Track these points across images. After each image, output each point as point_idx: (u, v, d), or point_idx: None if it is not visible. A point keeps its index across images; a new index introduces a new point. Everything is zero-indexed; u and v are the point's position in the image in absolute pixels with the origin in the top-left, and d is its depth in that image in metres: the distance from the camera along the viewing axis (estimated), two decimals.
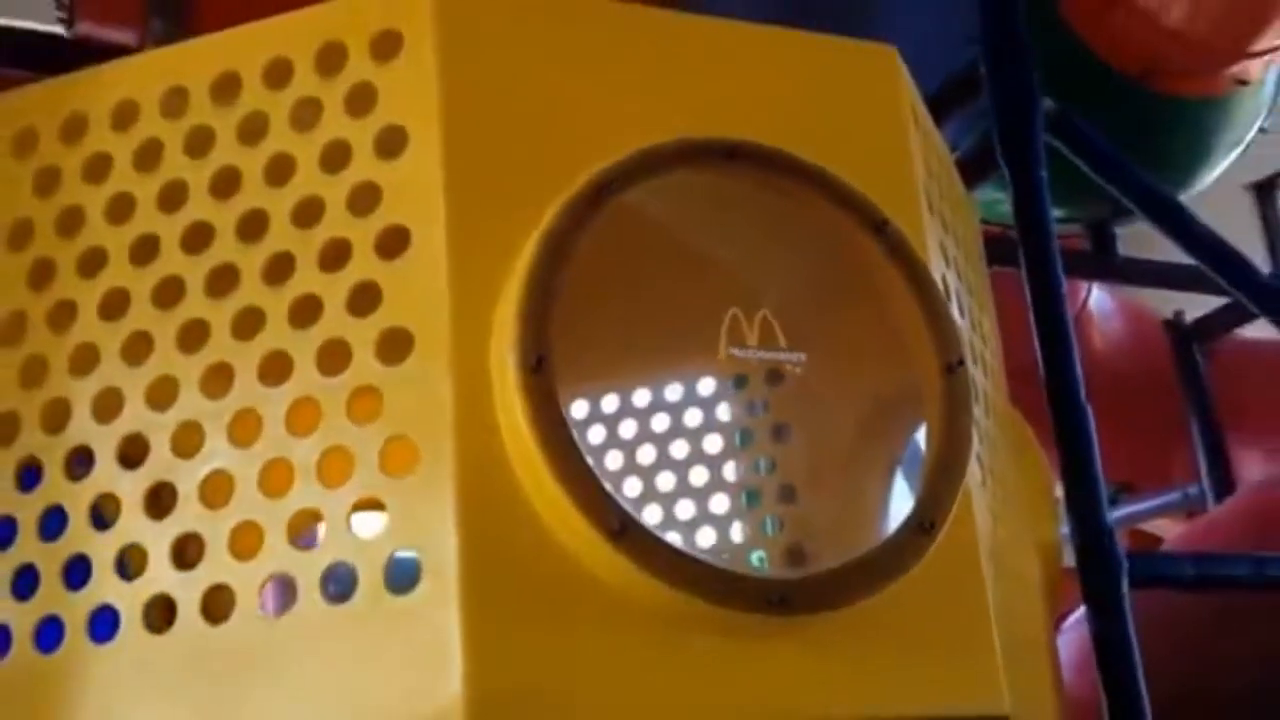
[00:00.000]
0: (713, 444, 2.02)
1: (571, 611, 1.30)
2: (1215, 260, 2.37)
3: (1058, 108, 2.28)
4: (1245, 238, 5.80)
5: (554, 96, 1.49)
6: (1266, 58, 2.78)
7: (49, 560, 1.43)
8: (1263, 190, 5.95)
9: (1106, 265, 2.92)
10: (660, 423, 2.04)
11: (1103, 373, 3.71)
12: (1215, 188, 4.70)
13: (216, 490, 1.39)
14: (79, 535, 1.43)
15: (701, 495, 2.01)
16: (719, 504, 2.01)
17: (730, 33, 1.64)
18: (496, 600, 1.28)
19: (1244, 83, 2.79)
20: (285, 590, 1.35)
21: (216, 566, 1.36)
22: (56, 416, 1.48)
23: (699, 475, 2.02)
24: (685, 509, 2.03)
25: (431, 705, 1.26)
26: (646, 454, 2.02)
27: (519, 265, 1.36)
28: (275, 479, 1.38)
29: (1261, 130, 3.06)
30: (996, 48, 2.30)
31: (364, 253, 1.42)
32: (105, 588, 1.40)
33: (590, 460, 1.28)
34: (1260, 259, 5.89)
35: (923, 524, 1.39)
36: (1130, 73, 2.66)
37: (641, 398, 2.04)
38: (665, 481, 2.01)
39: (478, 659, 1.25)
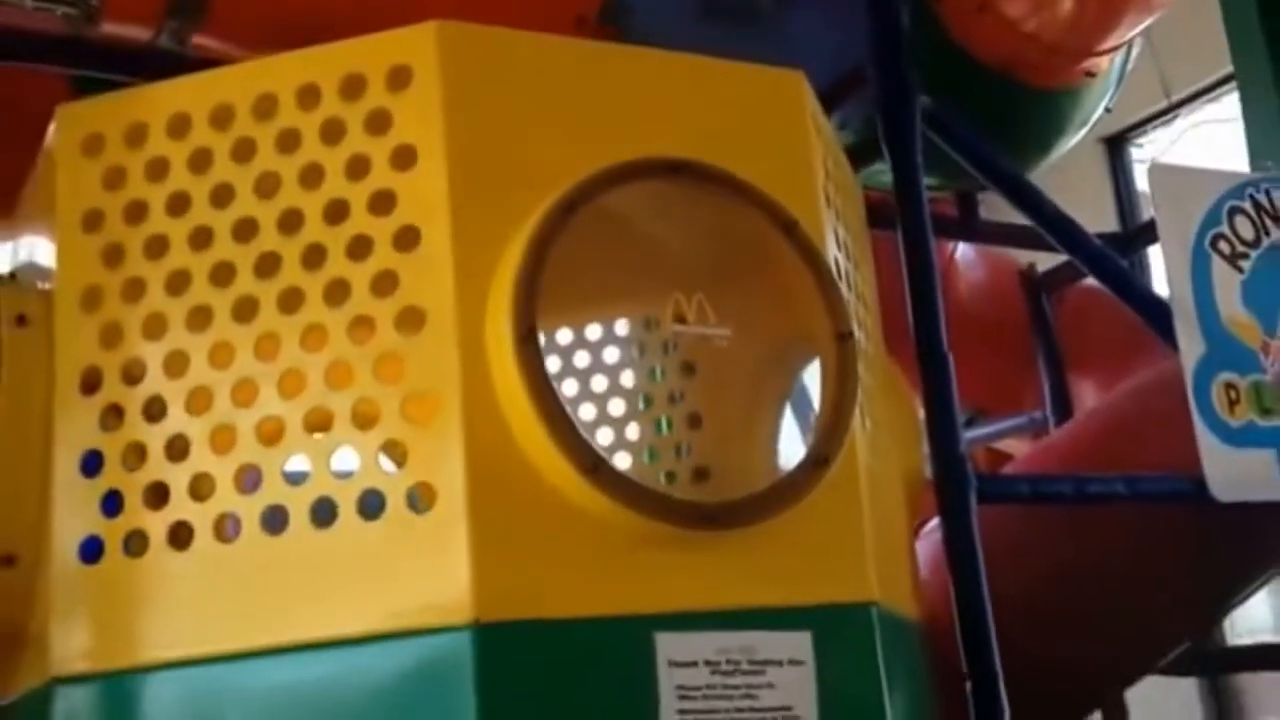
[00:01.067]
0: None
1: (552, 529, 1.63)
2: (1055, 229, 2.73)
3: (932, 103, 2.60)
4: (1097, 188, 6.18)
5: (534, 121, 1.79)
6: (1110, 54, 3.13)
7: (131, 486, 1.72)
8: (1114, 144, 6.30)
9: (970, 228, 3.26)
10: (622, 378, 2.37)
11: (966, 314, 4.06)
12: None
13: (270, 432, 1.69)
14: (156, 466, 1.72)
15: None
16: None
17: (673, 64, 1.95)
18: (495, 520, 1.60)
19: (1092, 75, 3.15)
20: (326, 510, 1.66)
21: (272, 491, 1.67)
22: (133, 372, 1.76)
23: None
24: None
25: (445, 599, 1.58)
26: (617, 406, 2.35)
27: (510, 259, 1.67)
28: (317, 424, 1.68)
29: (1106, 110, 3.41)
30: (881, 52, 2.60)
31: (384, 246, 1.71)
32: (180, 508, 1.70)
33: (571, 413, 1.60)
34: (1109, 207, 6.25)
35: (819, 459, 1.73)
36: (997, 67, 2.99)
37: (610, 355, 2.37)
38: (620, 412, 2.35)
39: (480, 564, 1.58)
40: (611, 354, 2.35)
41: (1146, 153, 6.25)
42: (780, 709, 1.68)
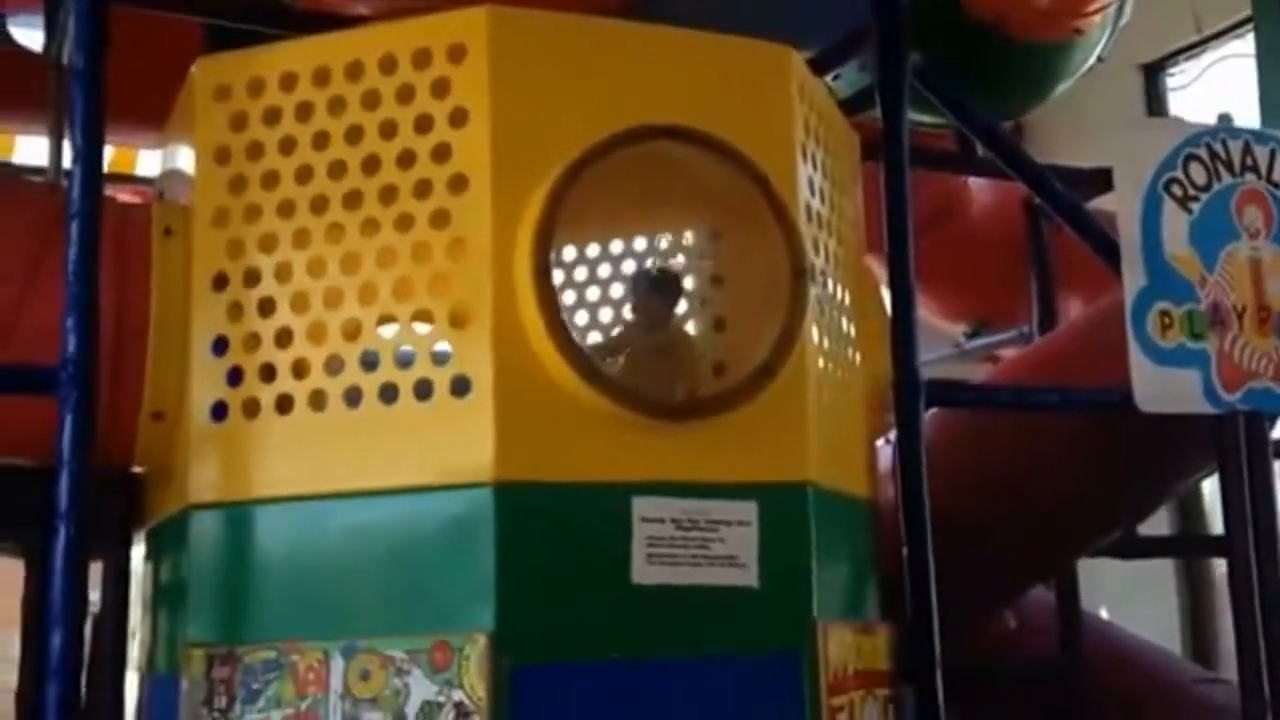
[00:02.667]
0: None
1: (556, 415, 2.01)
2: (1022, 170, 3.02)
3: (923, 61, 2.87)
4: (1133, 112, 6.24)
5: (560, 90, 2.12)
6: (1098, 14, 3.34)
7: (249, 365, 2.13)
8: (1150, 71, 6.33)
9: (968, 162, 3.51)
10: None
11: (977, 234, 4.32)
12: (1108, 66, 5.25)
13: (351, 329, 2.09)
14: (267, 351, 2.13)
15: None
16: None
17: (676, 38, 2.25)
18: (513, 406, 1.99)
19: (1080, 32, 3.37)
20: (391, 392, 2.07)
21: (351, 375, 2.07)
22: (251, 277, 2.16)
23: None
24: None
25: (476, 463, 1.98)
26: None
27: (533, 206, 2.02)
28: (385, 325, 2.08)
29: (1099, 59, 3.62)
30: (879, 15, 2.84)
31: (440, 189, 2.07)
32: (284, 384, 2.11)
33: (573, 332, 1.98)
34: None
35: (765, 369, 2.10)
36: (990, 24, 3.22)
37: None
38: None
39: (501, 439, 1.97)
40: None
41: (1178, 82, 6.32)
42: (727, 557, 2.07)
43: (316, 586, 2.04)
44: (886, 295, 2.77)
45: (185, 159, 2.30)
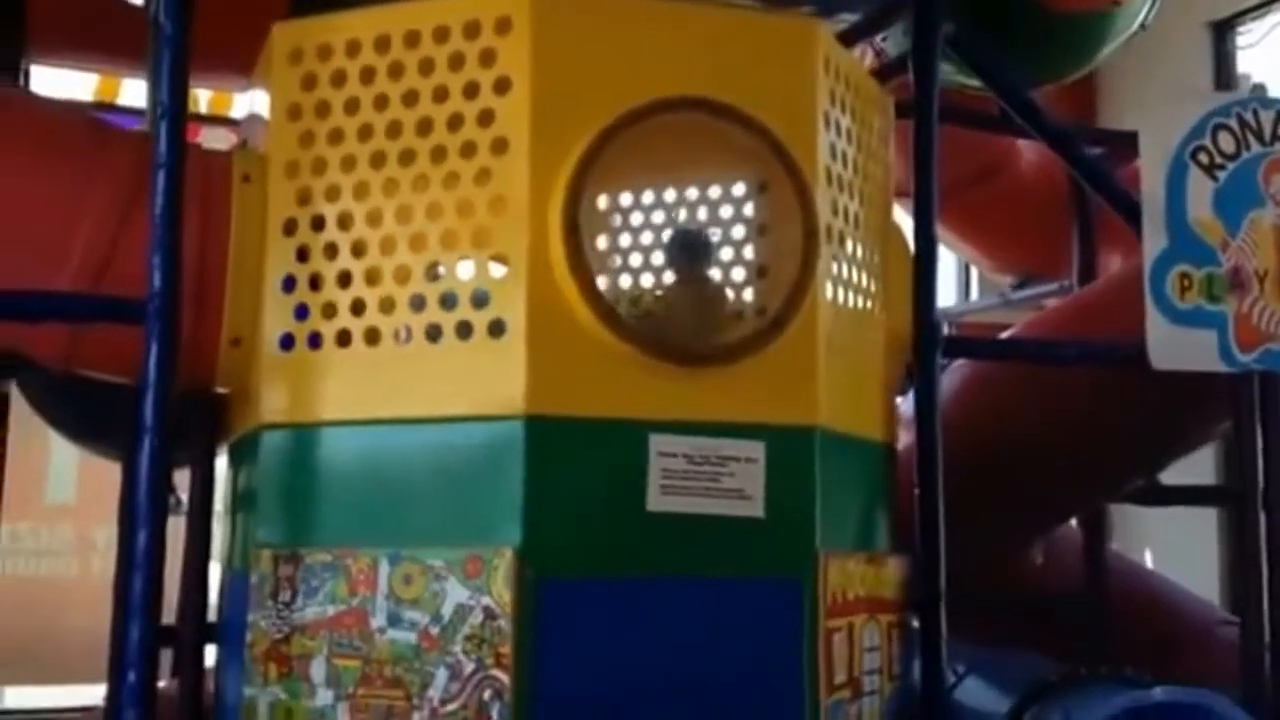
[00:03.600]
0: None
1: (583, 358, 2.16)
2: (1048, 134, 3.08)
3: (954, 30, 2.93)
4: (1201, 68, 6.14)
5: (594, 62, 2.25)
6: None
7: (314, 302, 2.31)
8: (1219, 29, 6.22)
9: (1005, 123, 3.54)
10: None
11: (1026, 189, 4.35)
12: (1178, 25, 5.20)
13: (402, 274, 2.26)
14: (329, 290, 2.30)
15: None
16: None
17: (707, 13, 2.36)
18: (544, 348, 2.15)
19: (1119, 2, 3.38)
20: (436, 331, 2.23)
21: (402, 315, 2.24)
22: (316, 224, 2.32)
23: None
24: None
25: (509, 397, 2.14)
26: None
27: (565, 169, 2.16)
28: (433, 271, 2.24)
29: (1143, 27, 3.63)
30: None
31: (484, 150, 2.22)
32: (344, 320, 2.28)
33: (606, 281, 2.12)
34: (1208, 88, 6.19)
35: (775, 322, 2.23)
36: None
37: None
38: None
39: (532, 378, 2.13)
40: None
41: (1246, 40, 6.20)
42: (736, 491, 2.21)
43: (367, 501, 2.23)
44: None
45: (263, 111, 2.47)
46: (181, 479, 2.69)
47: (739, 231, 2.76)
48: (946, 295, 5.22)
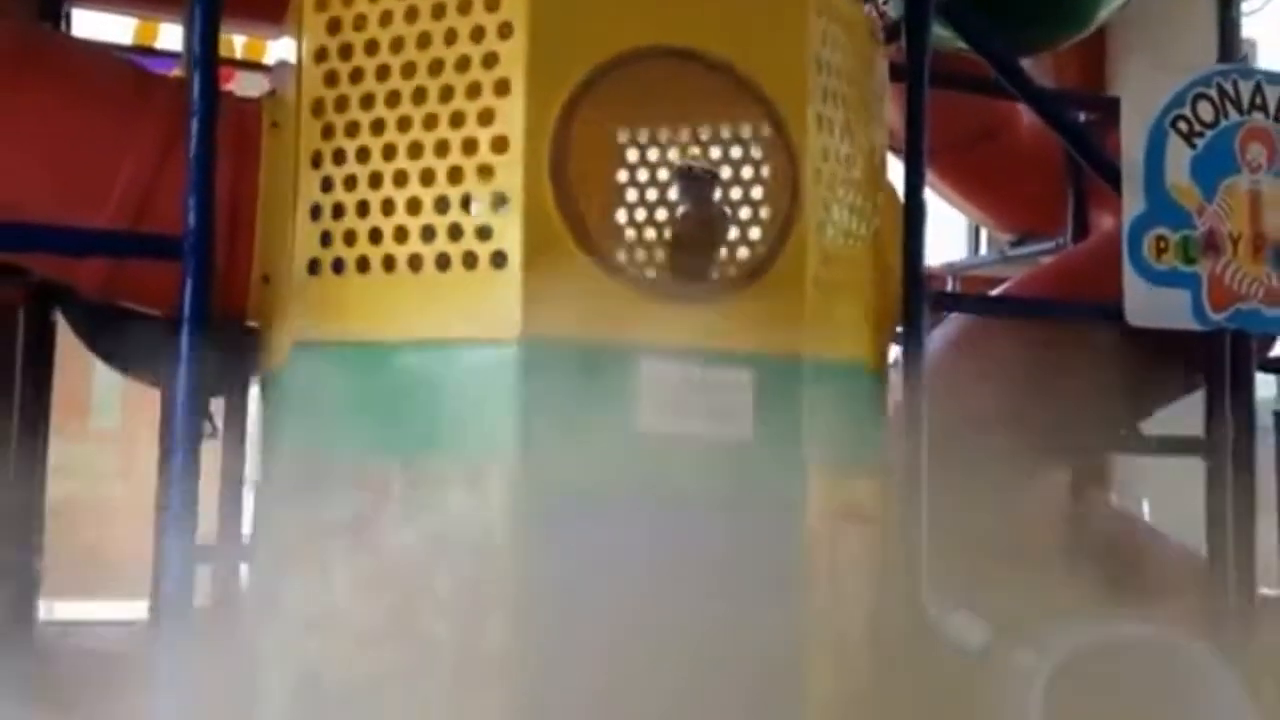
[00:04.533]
0: None
1: (577, 289, 2.25)
2: (1033, 99, 3.15)
3: None
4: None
5: (588, 8, 2.33)
6: None
7: (336, 230, 2.41)
8: None
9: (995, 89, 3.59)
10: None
11: (1025, 150, 4.38)
12: None
13: (414, 205, 2.36)
14: (351, 220, 2.40)
15: None
16: None
17: None
18: (540, 278, 2.25)
19: None
20: (445, 260, 2.33)
21: (414, 244, 2.35)
22: (338, 158, 2.42)
23: None
24: None
25: (508, 321, 2.24)
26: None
27: (554, 108, 2.26)
28: (441, 205, 2.34)
29: None
30: None
31: (488, 91, 2.31)
32: (363, 248, 2.39)
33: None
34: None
35: (755, 267, 2.36)
36: None
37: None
38: None
39: (528, 300, 2.24)
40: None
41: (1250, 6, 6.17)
42: (724, 413, 2.31)
43: (382, 413, 2.34)
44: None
45: (292, 56, 2.57)
46: (218, 409, 2.82)
47: (728, 172, 2.84)
48: (957, 250, 5.24)
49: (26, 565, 3.07)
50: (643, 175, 2.95)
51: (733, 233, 2.79)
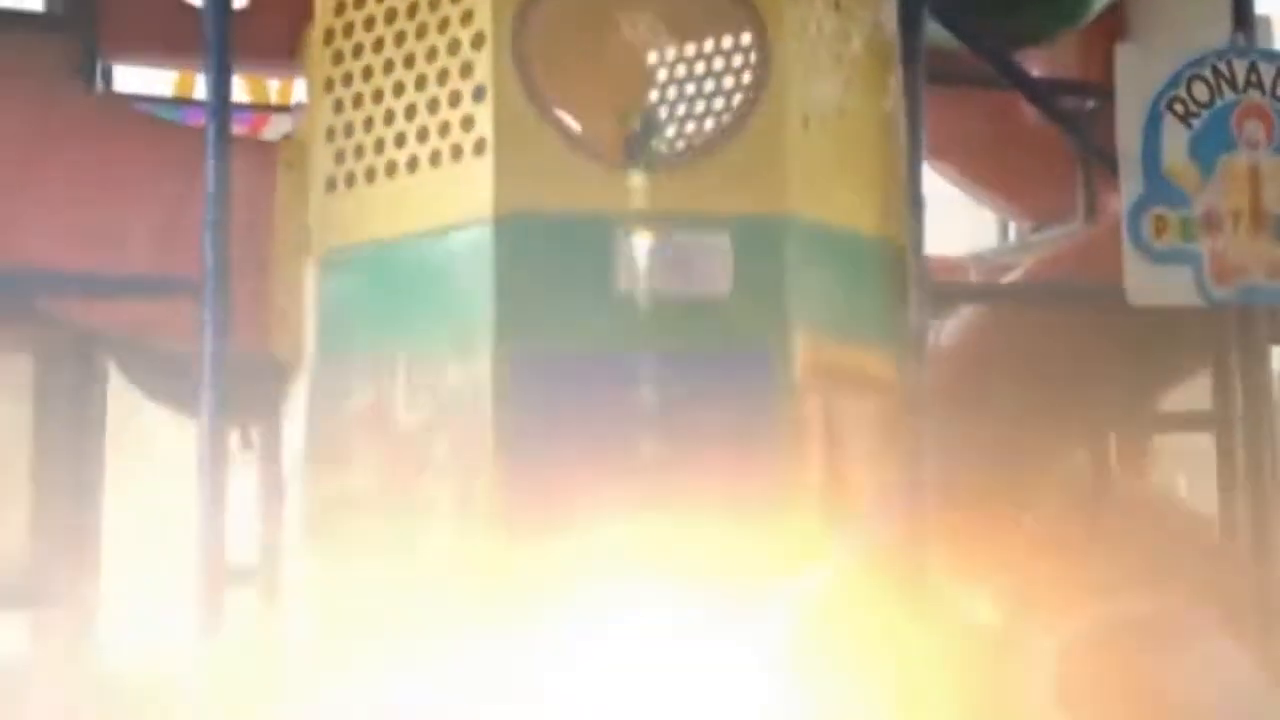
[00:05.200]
0: None
1: (547, 165, 2.29)
2: (1032, 92, 3.14)
3: None
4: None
5: None
6: None
7: (349, 147, 2.48)
8: None
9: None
10: None
11: (1037, 137, 4.37)
12: None
13: (411, 112, 2.41)
14: (359, 135, 2.46)
15: None
16: None
17: None
18: (512, 155, 2.29)
19: None
20: (439, 158, 2.38)
21: (412, 147, 2.39)
22: (346, 81, 2.51)
23: None
24: None
25: (483, 197, 2.28)
26: None
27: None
28: (433, 106, 2.41)
29: None
30: None
31: (466, 46, 2.36)
32: (370, 159, 2.44)
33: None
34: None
35: (723, 133, 2.39)
36: None
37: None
38: None
39: (501, 177, 2.28)
40: None
41: None
42: (704, 274, 2.29)
43: (390, 308, 2.41)
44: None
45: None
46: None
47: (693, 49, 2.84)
48: (988, 238, 5.24)
49: (87, 592, 3.18)
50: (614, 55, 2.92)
51: (700, 104, 2.78)
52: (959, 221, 4.75)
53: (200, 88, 4.64)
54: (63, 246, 2.59)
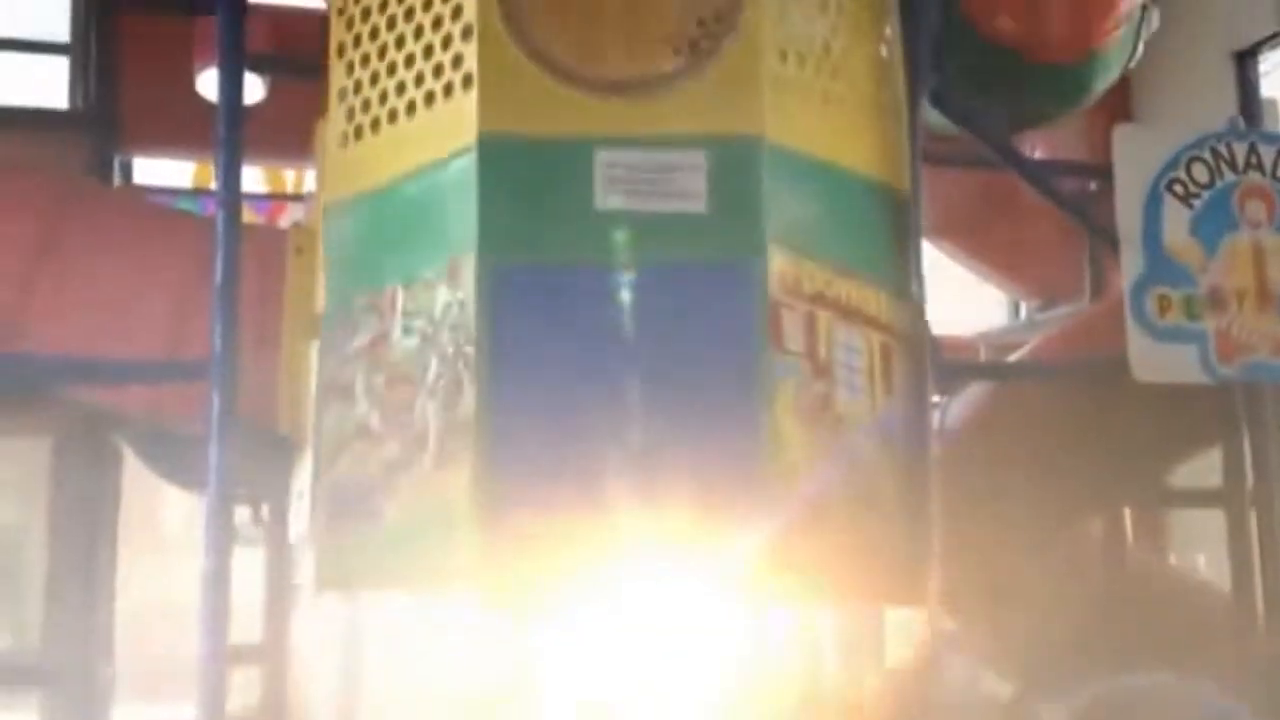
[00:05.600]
0: None
1: (530, 99, 2.30)
2: (1032, 178, 3.15)
3: (938, 85, 3.01)
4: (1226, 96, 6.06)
5: None
6: (1111, 34, 3.38)
7: (356, 103, 2.50)
8: (1242, 58, 6.11)
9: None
10: None
11: (1049, 218, 4.38)
12: (1200, 55, 5.12)
13: (410, 61, 2.44)
14: (365, 91, 2.50)
15: None
16: None
17: None
18: (495, 91, 2.30)
19: (1096, 52, 3.41)
20: (431, 99, 2.40)
21: (410, 94, 2.42)
22: (355, 42, 2.55)
23: None
24: None
25: (467, 126, 2.29)
26: None
27: None
28: (428, 52, 2.44)
29: (1127, 68, 3.65)
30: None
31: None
32: (375, 110, 2.48)
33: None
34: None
35: (697, 53, 2.33)
36: (1010, 47, 3.30)
37: None
38: None
39: (483, 104, 2.30)
40: None
41: (1265, 68, 6.12)
42: (680, 192, 2.27)
43: (388, 245, 2.43)
44: None
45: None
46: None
47: None
48: (998, 317, 5.26)
49: (98, 671, 3.18)
50: None
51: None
52: (969, 303, 4.77)
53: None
54: (80, 333, 2.62)
